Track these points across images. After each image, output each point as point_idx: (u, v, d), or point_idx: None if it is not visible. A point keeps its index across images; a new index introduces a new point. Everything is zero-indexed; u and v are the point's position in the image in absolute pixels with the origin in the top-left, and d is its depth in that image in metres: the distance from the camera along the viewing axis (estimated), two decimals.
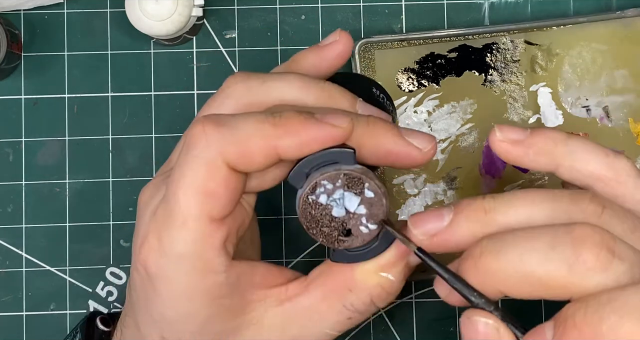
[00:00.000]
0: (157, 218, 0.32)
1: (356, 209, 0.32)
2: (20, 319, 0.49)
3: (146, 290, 0.33)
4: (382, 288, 0.33)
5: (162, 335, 0.34)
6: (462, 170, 0.49)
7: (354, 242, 0.32)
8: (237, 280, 0.33)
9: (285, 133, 0.31)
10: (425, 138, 0.33)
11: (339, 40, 0.38)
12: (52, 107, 0.50)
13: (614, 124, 0.49)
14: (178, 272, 0.32)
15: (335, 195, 0.31)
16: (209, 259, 0.32)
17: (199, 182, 0.31)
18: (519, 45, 0.49)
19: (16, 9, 0.50)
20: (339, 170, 0.31)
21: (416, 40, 0.49)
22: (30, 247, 0.49)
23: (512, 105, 0.49)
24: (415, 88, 0.49)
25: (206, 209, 0.31)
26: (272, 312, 0.34)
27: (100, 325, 0.39)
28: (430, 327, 0.49)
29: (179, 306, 0.32)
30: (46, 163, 0.49)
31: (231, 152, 0.31)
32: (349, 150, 0.32)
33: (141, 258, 0.32)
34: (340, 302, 0.33)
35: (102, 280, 0.49)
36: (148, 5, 0.46)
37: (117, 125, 0.50)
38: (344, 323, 0.34)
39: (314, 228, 0.32)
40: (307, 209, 0.32)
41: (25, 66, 0.50)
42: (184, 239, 0.31)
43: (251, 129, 0.31)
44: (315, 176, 0.31)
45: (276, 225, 0.49)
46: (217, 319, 0.33)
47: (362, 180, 0.31)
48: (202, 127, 0.31)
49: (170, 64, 0.50)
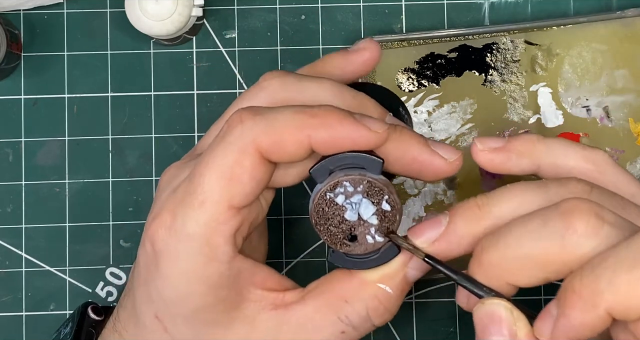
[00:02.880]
0: (176, 195, 0.33)
1: (369, 217, 0.32)
2: (20, 319, 0.49)
3: (149, 267, 0.33)
4: (378, 300, 0.33)
5: (157, 314, 0.34)
6: (462, 170, 0.49)
7: (357, 249, 0.32)
8: (238, 274, 0.33)
9: (321, 124, 0.31)
10: (451, 150, 0.34)
11: (368, 47, 0.38)
12: (52, 107, 0.50)
13: (614, 124, 0.49)
14: (184, 252, 0.32)
15: (353, 198, 0.32)
16: (217, 246, 0.32)
17: (227, 167, 0.32)
18: (519, 45, 0.49)
19: (16, 9, 0.50)
20: (364, 176, 0.31)
21: (416, 40, 0.49)
22: (30, 247, 0.49)
23: (512, 106, 0.49)
24: (415, 88, 0.49)
25: (228, 194, 0.32)
26: (266, 315, 0.34)
27: (92, 314, 0.40)
28: (430, 327, 0.49)
29: (177, 287, 0.33)
30: (46, 163, 0.49)
31: (265, 139, 0.31)
32: (378, 160, 0.32)
33: (150, 233, 0.33)
34: (335, 313, 0.33)
35: (102, 281, 0.49)
36: (148, 5, 0.46)
37: (117, 125, 0.50)
38: (336, 337, 0.34)
39: (322, 225, 0.32)
40: (322, 205, 0.32)
41: (25, 66, 0.50)
42: (197, 219, 0.32)
43: (288, 118, 0.32)
44: (338, 175, 0.32)
45: (276, 225, 0.49)
46: (212, 308, 0.33)
47: (384, 192, 0.31)
48: (240, 116, 0.32)
49: (170, 64, 0.50)
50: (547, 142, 0.33)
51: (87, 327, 0.39)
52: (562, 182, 0.30)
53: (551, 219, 0.28)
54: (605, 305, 0.26)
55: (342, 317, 0.33)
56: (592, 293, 0.26)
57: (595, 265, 0.26)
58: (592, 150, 0.33)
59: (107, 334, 0.37)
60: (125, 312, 0.36)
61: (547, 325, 0.28)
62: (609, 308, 0.26)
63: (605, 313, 0.26)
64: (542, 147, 0.33)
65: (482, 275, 0.29)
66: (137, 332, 0.35)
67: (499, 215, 0.30)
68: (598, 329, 0.27)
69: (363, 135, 0.31)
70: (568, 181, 0.30)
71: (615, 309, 0.26)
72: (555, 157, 0.33)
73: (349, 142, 0.32)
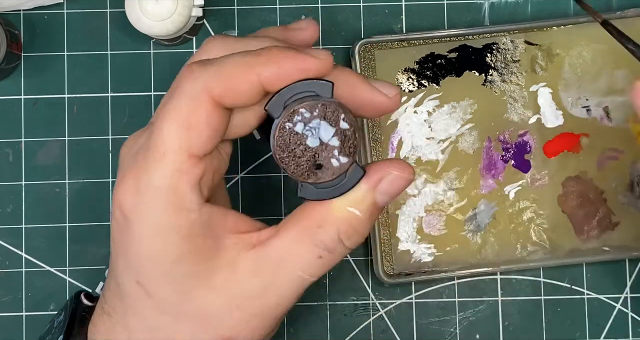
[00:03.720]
0: (137, 158, 0.34)
1: (330, 139, 0.32)
2: (20, 319, 0.49)
3: (122, 232, 0.34)
4: (349, 224, 0.34)
5: (137, 279, 0.34)
6: (462, 170, 0.49)
7: (324, 175, 0.33)
8: (209, 220, 0.34)
9: (268, 61, 0.33)
10: (390, 86, 0.35)
11: (307, 28, 0.39)
12: (52, 107, 0.50)
13: (614, 124, 0.49)
14: (152, 207, 0.33)
15: (311, 124, 0.32)
16: (183, 194, 0.33)
17: (183, 116, 0.32)
18: (519, 45, 0.49)
19: (16, 9, 0.50)
20: (317, 100, 0.32)
21: (416, 40, 0.49)
22: (30, 247, 0.49)
23: (512, 106, 0.49)
24: (415, 88, 0.49)
25: (187, 143, 0.32)
26: (244, 256, 0.34)
27: (85, 300, 0.40)
28: (430, 327, 0.49)
29: (152, 243, 0.33)
30: (46, 163, 0.49)
31: (216, 85, 0.32)
32: (327, 82, 0.33)
33: (117, 199, 0.34)
34: (310, 240, 0.34)
35: (102, 281, 0.49)
36: (148, 5, 0.46)
37: (117, 125, 0.50)
38: (315, 263, 0.34)
39: (286, 157, 0.32)
40: (282, 137, 0.32)
41: (25, 66, 0.50)
42: (161, 170, 0.33)
43: (235, 61, 0.33)
44: (293, 105, 0.32)
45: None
46: (189, 258, 0.34)
47: (339, 111, 0.32)
48: (189, 67, 0.33)
49: (170, 64, 0.50)
50: None
51: (80, 312, 0.39)
52: None
53: None
54: None
55: (317, 242, 0.34)
56: None
57: None
58: None
59: (97, 318, 0.37)
60: (110, 292, 0.36)
61: None
62: None
63: None
64: None
65: None
66: (124, 307, 0.35)
67: None
68: None
69: (310, 63, 0.33)
70: None
71: None
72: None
73: (297, 72, 0.33)
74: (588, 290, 0.49)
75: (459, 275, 0.49)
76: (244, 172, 0.50)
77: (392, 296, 0.49)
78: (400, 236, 0.49)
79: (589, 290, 0.49)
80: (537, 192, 0.49)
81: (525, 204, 0.49)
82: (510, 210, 0.49)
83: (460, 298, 0.49)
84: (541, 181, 0.49)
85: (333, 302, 0.49)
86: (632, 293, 0.49)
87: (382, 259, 0.48)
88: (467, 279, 0.49)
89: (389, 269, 0.48)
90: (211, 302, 0.34)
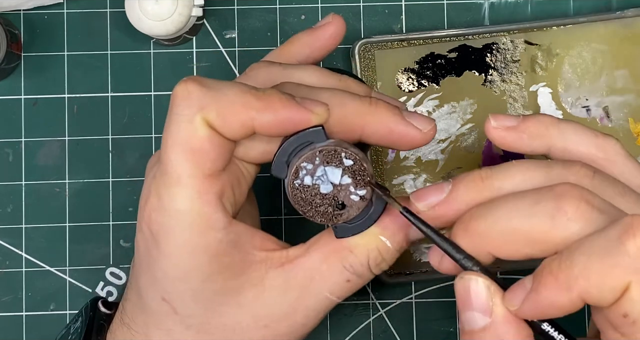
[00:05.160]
0: (155, 179, 0.34)
1: (341, 180, 0.32)
2: (20, 319, 0.49)
3: (149, 249, 0.34)
4: (379, 252, 0.34)
5: (163, 297, 0.34)
6: (462, 170, 0.49)
7: (351, 212, 0.33)
8: (237, 239, 0.34)
9: (265, 107, 0.32)
10: (425, 120, 0.35)
11: (332, 22, 0.39)
12: (52, 107, 0.50)
13: (614, 124, 0.49)
14: (179, 227, 0.33)
15: (317, 173, 0.32)
16: (207, 215, 0.33)
17: (183, 140, 0.32)
18: (519, 45, 0.49)
19: (16, 9, 0.50)
20: (313, 149, 0.32)
21: (416, 40, 0.49)
22: (30, 247, 0.49)
23: (512, 106, 0.49)
24: (415, 88, 0.49)
25: (196, 164, 0.32)
26: (274, 273, 0.34)
27: (102, 308, 0.40)
28: (430, 327, 0.49)
29: (180, 262, 0.33)
30: (46, 163, 0.49)
31: (211, 111, 0.32)
32: (317, 128, 0.33)
33: (145, 216, 0.34)
34: (340, 262, 0.34)
35: (102, 281, 0.49)
36: (148, 5, 0.46)
37: (117, 125, 0.50)
38: (343, 286, 0.35)
39: (309, 210, 0.33)
40: (297, 194, 0.33)
41: (25, 66, 0.50)
42: (181, 194, 0.32)
43: (234, 96, 0.32)
44: (294, 161, 0.32)
45: (276, 225, 0.49)
46: (218, 276, 0.34)
47: (338, 151, 0.32)
48: (185, 86, 0.33)
49: (170, 64, 0.50)
50: (560, 126, 0.33)
51: (98, 320, 0.39)
52: (567, 165, 0.31)
53: (544, 199, 0.29)
54: (578, 290, 0.27)
55: (346, 266, 0.34)
56: (566, 278, 0.27)
57: (573, 250, 0.27)
58: (605, 139, 0.33)
59: (116, 328, 0.37)
60: (131, 304, 0.36)
61: (519, 297, 0.29)
62: (581, 293, 0.27)
63: (577, 297, 0.27)
64: (554, 132, 0.33)
65: (466, 243, 0.30)
66: (146, 320, 0.35)
67: (500, 188, 0.31)
68: (567, 310, 0.28)
69: (304, 117, 0.32)
70: (573, 164, 0.31)
71: (587, 294, 0.27)
72: (566, 142, 0.33)
73: (292, 123, 0.32)
74: None
75: None
76: None
77: (392, 296, 0.49)
78: None
79: None
80: None
81: None
82: None
83: None
84: None
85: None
86: None
87: None
88: None
89: (389, 269, 0.48)
90: (238, 320, 0.34)
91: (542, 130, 0.33)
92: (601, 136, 0.33)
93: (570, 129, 0.33)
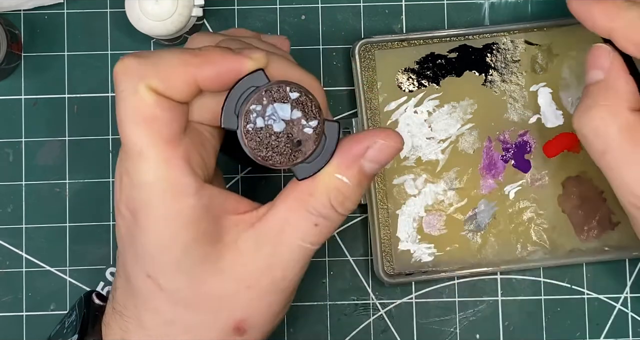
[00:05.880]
0: (121, 160, 0.34)
1: (291, 114, 0.33)
2: (20, 319, 0.49)
3: (130, 229, 0.34)
4: (338, 190, 0.35)
5: (148, 273, 0.34)
6: (462, 170, 0.49)
7: (308, 146, 0.33)
8: (209, 203, 0.34)
9: (205, 62, 0.33)
10: None
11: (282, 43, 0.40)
12: (52, 107, 0.50)
13: None
14: (152, 199, 0.33)
15: (267, 112, 0.33)
16: (176, 180, 0.33)
17: (133, 111, 0.33)
18: (519, 45, 0.49)
19: (16, 9, 0.50)
20: (258, 91, 0.33)
21: (416, 40, 0.49)
22: (30, 247, 0.49)
23: (512, 106, 0.49)
24: (415, 88, 0.49)
25: (153, 132, 0.33)
26: (245, 235, 0.35)
27: (97, 300, 0.40)
28: (430, 327, 0.49)
29: (159, 233, 0.34)
30: (46, 163, 0.49)
31: (152, 79, 0.32)
32: (257, 72, 0.33)
33: (121, 198, 0.34)
34: (303, 208, 0.35)
35: (102, 281, 0.49)
36: (148, 5, 0.46)
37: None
38: (313, 231, 0.35)
39: (267, 153, 0.33)
40: (252, 138, 0.33)
41: (25, 66, 0.50)
42: (146, 166, 0.33)
43: (171, 58, 0.33)
44: (243, 108, 0.33)
45: None
46: (197, 243, 0.34)
47: (282, 87, 0.33)
48: (123, 62, 0.33)
49: None
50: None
51: (92, 312, 0.39)
52: None
53: None
54: None
55: (311, 210, 0.35)
56: None
57: None
58: None
59: (109, 318, 0.37)
60: (120, 290, 0.37)
61: None
62: None
63: None
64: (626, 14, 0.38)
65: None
66: (135, 302, 0.36)
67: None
68: None
69: (243, 64, 0.33)
70: None
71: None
72: None
73: (233, 73, 0.33)
74: (588, 290, 0.49)
75: (459, 275, 0.49)
76: (244, 172, 0.50)
77: (392, 296, 0.49)
78: (400, 236, 0.49)
79: (589, 290, 0.49)
80: (537, 192, 0.49)
81: (526, 204, 0.49)
82: (511, 210, 0.49)
83: (460, 298, 0.49)
84: (541, 181, 0.49)
85: (333, 302, 0.49)
86: (632, 293, 0.49)
87: (382, 259, 0.48)
88: (467, 279, 0.49)
89: (389, 269, 0.48)
90: (222, 286, 0.35)
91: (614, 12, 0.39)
92: None
93: None
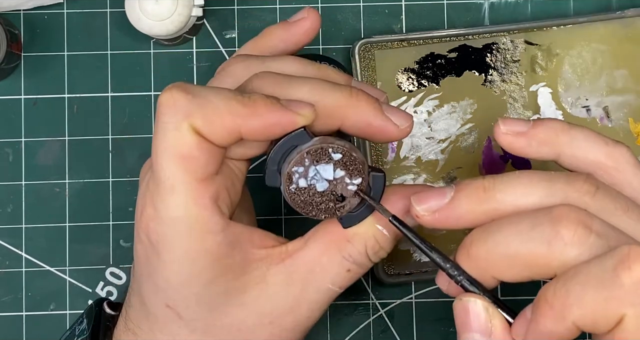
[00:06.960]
0: (149, 188, 0.33)
1: (334, 174, 0.33)
2: (20, 319, 0.49)
3: (149, 258, 0.34)
4: (376, 240, 0.35)
5: (167, 303, 0.34)
6: (462, 170, 0.49)
7: (352, 202, 0.33)
8: (236, 240, 0.34)
9: (251, 113, 0.32)
10: (403, 116, 0.35)
11: (307, 17, 0.40)
12: (52, 107, 0.50)
13: (614, 124, 0.49)
14: (177, 235, 0.33)
15: (310, 174, 0.33)
16: (204, 219, 0.33)
17: (172, 147, 0.32)
18: (519, 45, 0.49)
19: (16, 9, 0.50)
20: (300, 152, 0.32)
21: (416, 40, 0.49)
22: (30, 247, 0.49)
23: (512, 106, 0.49)
24: (415, 88, 0.49)
25: (187, 171, 0.32)
26: (275, 269, 0.35)
27: (108, 310, 0.40)
28: (430, 327, 0.49)
29: (182, 269, 0.33)
30: (46, 163, 0.49)
31: (196, 120, 0.32)
32: (299, 130, 0.33)
33: (142, 226, 0.34)
34: (339, 253, 0.35)
35: (102, 281, 0.49)
36: (148, 5, 0.46)
37: (117, 125, 0.50)
38: (344, 276, 0.35)
39: (311, 210, 0.33)
40: (296, 198, 0.33)
41: (25, 66, 0.50)
42: (176, 202, 0.32)
43: (219, 103, 0.32)
44: (285, 168, 0.33)
45: (276, 225, 0.49)
46: (221, 279, 0.34)
47: (324, 148, 0.32)
48: (170, 94, 0.32)
49: (170, 64, 0.50)
50: (571, 133, 0.33)
51: (104, 322, 0.39)
52: (570, 180, 0.31)
53: (541, 223, 0.29)
54: (573, 318, 0.27)
55: (346, 256, 0.35)
56: (562, 305, 0.27)
57: (568, 278, 0.27)
58: (615, 146, 0.33)
59: (120, 334, 0.37)
60: (134, 311, 0.36)
61: (522, 327, 0.29)
62: (576, 321, 0.27)
63: (572, 325, 0.27)
64: (564, 139, 0.33)
65: (470, 267, 0.31)
66: (151, 327, 0.35)
67: (502, 200, 0.31)
68: (566, 337, 0.28)
69: (290, 119, 0.32)
70: (576, 179, 0.31)
71: (582, 322, 0.27)
72: (576, 149, 0.33)
73: (279, 127, 0.32)
74: None
75: None
76: None
77: (392, 296, 0.49)
78: None
79: None
80: None
81: None
82: None
83: None
84: None
85: (333, 302, 0.49)
86: None
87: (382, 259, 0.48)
88: None
89: (389, 269, 0.48)
90: (243, 318, 0.34)
91: (552, 137, 0.33)
92: (611, 144, 0.33)
93: (581, 136, 0.33)
